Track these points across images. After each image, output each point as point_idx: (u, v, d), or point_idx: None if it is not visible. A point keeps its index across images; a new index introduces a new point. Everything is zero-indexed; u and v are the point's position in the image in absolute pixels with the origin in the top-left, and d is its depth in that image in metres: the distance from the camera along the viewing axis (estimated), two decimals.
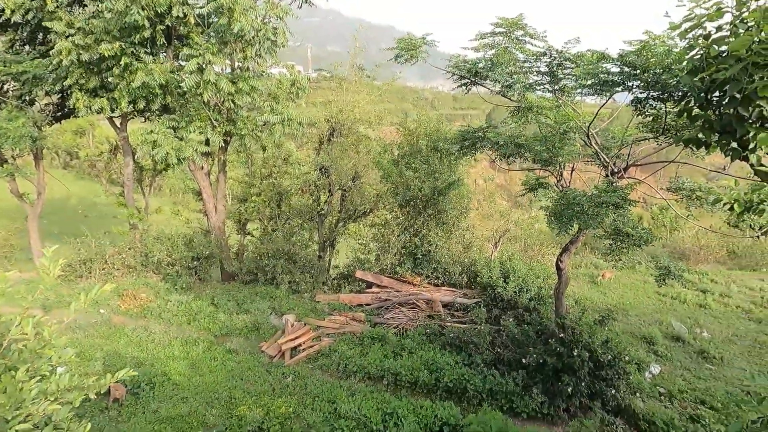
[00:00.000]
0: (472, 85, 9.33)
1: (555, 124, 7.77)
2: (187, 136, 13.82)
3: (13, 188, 16.17)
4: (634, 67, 5.87)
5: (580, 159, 8.78)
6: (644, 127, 7.39)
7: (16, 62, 13.53)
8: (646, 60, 5.75)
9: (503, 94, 8.85)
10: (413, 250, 14.05)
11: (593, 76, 6.61)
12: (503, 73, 8.38)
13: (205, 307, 13.51)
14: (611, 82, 6.43)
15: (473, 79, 9.04)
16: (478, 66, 8.70)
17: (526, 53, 7.77)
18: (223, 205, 17.32)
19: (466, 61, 8.88)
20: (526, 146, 8.48)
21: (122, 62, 12.44)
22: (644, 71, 5.77)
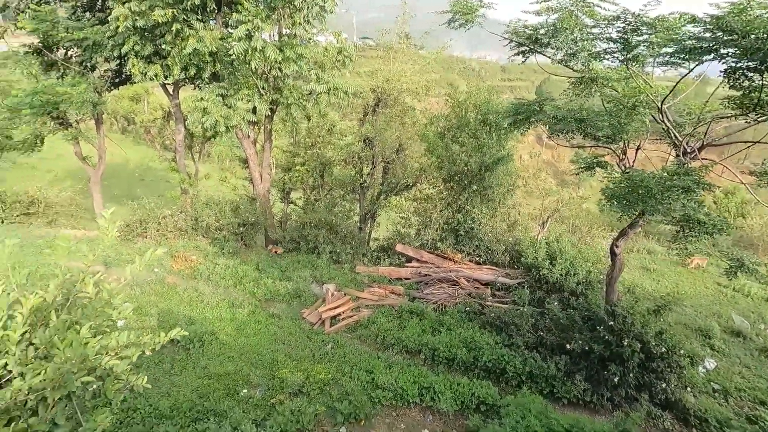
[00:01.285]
0: (531, 54, 8.67)
1: (623, 98, 7.08)
2: (235, 104, 13.99)
3: (77, 151, 17.17)
4: (731, 31, 5.09)
5: (647, 137, 8.04)
6: (731, 102, 6.56)
7: (77, 29, 14.03)
8: (746, 23, 4.96)
9: (565, 64, 8.17)
10: (456, 226, 13.75)
11: (677, 42, 5.86)
12: (567, 40, 7.70)
13: (251, 272, 14.00)
14: (699, 50, 5.67)
15: (532, 47, 8.39)
16: (539, 32, 8.03)
17: (596, 17, 7.04)
18: (268, 173, 17.63)
19: (526, 26, 8.22)
20: (588, 121, 7.84)
21: (174, 28, 12.60)
22: (743, 36, 5.00)
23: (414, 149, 15.23)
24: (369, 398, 8.70)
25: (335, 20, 14.94)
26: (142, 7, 12.87)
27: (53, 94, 13.82)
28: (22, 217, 17.55)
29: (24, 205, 17.54)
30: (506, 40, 8.78)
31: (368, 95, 15.03)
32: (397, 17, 15.13)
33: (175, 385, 8.96)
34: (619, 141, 7.94)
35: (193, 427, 7.50)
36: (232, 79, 14.12)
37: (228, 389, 8.91)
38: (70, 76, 16.45)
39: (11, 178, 28.80)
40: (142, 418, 7.70)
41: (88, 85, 14.69)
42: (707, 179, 6.77)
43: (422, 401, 8.76)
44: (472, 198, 13.91)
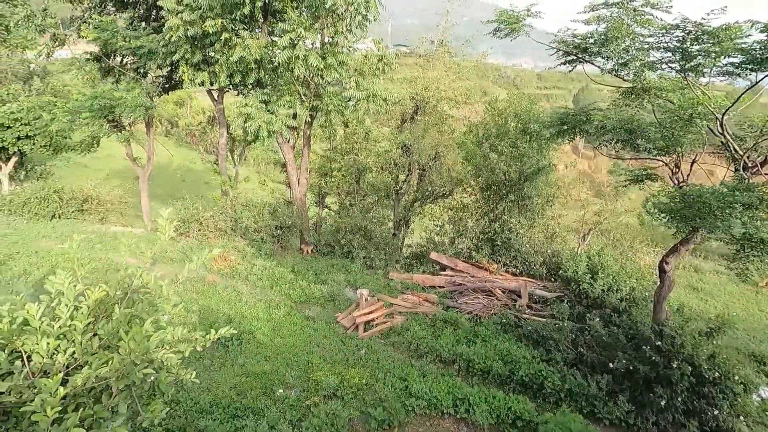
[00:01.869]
0: (578, 63, 8.49)
1: (679, 109, 6.80)
2: (277, 110, 14.39)
3: (128, 152, 18.13)
4: None
5: (704, 150, 7.67)
6: None
7: (134, 38, 14.88)
8: None
9: (615, 74, 7.94)
10: (492, 236, 13.55)
11: (745, 52, 5.58)
12: (618, 50, 7.49)
13: (287, 274, 14.29)
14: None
15: (581, 56, 8.21)
16: (588, 41, 7.86)
17: (652, 26, 6.82)
18: (305, 178, 17.99)
19: (575, 35, 8.06)
20: (639, 132, 7.57)
21: (223, 38, 13.13)
22: None
23: (450, 157, 15.17)
24: (403, 406, 8.66)
25: (371, 26, 15.13)
26: (193, 17, 13.52)
27: (110, 99, 14.68)
28: (76, 213, 18.64)
29: (78, 201, 18.63)
30: (552, 50, 8.63)
31: (407, 102, 15.13)
32: (438, 25, 15.20)
33: (215, 381, 9.23)
34: (673, 153, 7.63)
35: (232, 423, 7.70)
36: (274, 86, 14.55)
37: (264, 388, 9.10)
38: (124, 81, 17.44)
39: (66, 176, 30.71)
40: (184, 411, 7.98)
41: (141, 90, 15.51)
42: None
43: (456, 412, 8.64)
44: (509, 208, 13.69)
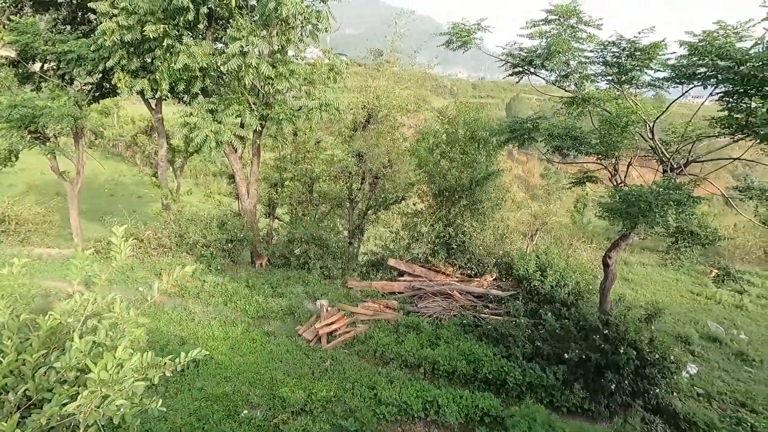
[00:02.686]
0: (525, 74, 9.10)
1: (616, 117, 7.54)
2: (225, 120, 13.88)
3: (54, 166, 16.52)
4: (730, 59, 5.58)
5: (637, 154, 8.54)
6: (717, 123, 7.10)
7: (60, 42, 13.67)
8: (744, 53, 5.45)
9: (558, 84, 8.61)
10: (447, 240, 13.98)
11: (675, 68, 6.34)
12: (560, 63, 8.14)
13: (241, 289, 13.72)
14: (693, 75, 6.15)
15: (527, 68, 8.81)
16: (533, 55, 8.46)
17: (592, 42, 7.51)
18: (255, 188, 17.44)
19: (521, 49, 8.65)
20: (581, 139, 8.27)
21: (165, 44, 12.47)
22: (741, 64, 5.49)
23: (402, 164, 15.49)
24: (374, 414, 8.65)
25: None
26: (130, 21, 12.71)
27: (32, 108, 13.34)
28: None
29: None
30: (501, 62, 9.17)
31: (359, 111, 15.24)
32: (386, 36, 15.51)
33: (171, 408, 8.63)
34: (611, 157, 8.41)
35: None
36: (221, 95, 14.04)
37: (227, 411, 8.66)
38: (47, 89, 15.93)
39: None
40: None
41: (68, 99, 14.25)
42: (695, 193, 7.25)
43: (427, 415, 8.78)
44: (462, 212, 14.21)
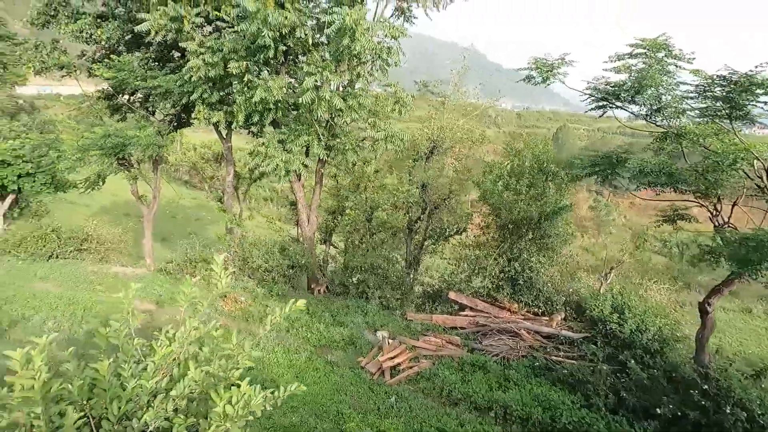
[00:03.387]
0: (610, 108, 8.80)
1: (723, 154, 7.04)
2: (294, 150, 14.40)
3: (134, 190, 17.71)
4: None
5: (744, 193, 7.91)
6: None
7: (151, 77, 14.90)
8: None
9: (649, 120, 8.24)
10: (513, 275, 13.48)
11: None
12: (651, 97, 7.80)
13: (302, 317, 13.81)
14: None
15: (613, 103, 8.51)
16: (622, 89, 8.18)
17: (700, 76, 7.16)
18: (315, 216, 17.82)
19: (608, 83, 8.40)
20: (677, 176, 7.78)
21: (245, 79, 13.26)
22: None
23: (464, 195, 15.30)
24: None
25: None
26: (215, 59, 13.68)
27: (123, 137, 14.48)
28: (75, 253, 17.88)
29: (78, 241, 17.93)
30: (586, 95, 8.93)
31: (423, 142, 15.35)
32: (454, 70, 15.72)
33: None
34: (713, 196, 7.84)
35: None
36: (292, 126, 14.62)
37: None
38: (133, 119, 17.36)
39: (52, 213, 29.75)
40: None
41: (153, 129, 15.38)
42: None
43: None
44: (528, 246, 13.72)
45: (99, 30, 15.50)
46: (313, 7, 13.48)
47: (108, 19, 16.18)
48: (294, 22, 12.33)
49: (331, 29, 11.66)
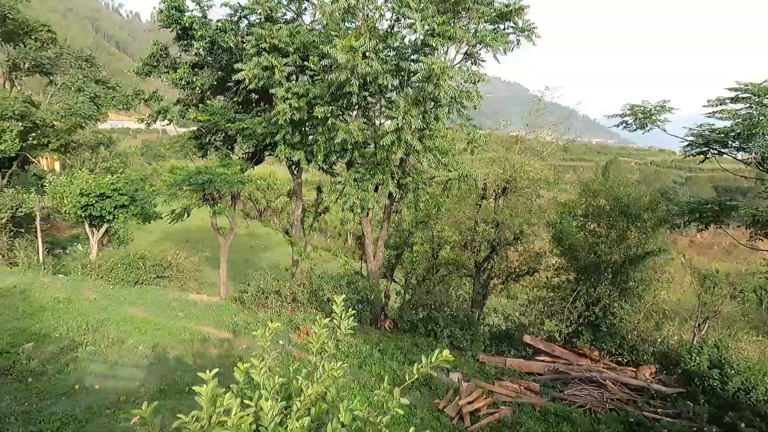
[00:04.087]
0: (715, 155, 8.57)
1: None
2: (369, 188, 14.94)
3: (214, 223, 18.90)
4: None
5: None
6: None
7: (239, 120, 16.19)
8: None
9: (761, 167, 7.94)
10: (594, 320, 12.95)
11: None
12: (764, 145, 7.55)
13: (374, 353, 13.87)
14: None
15: (719, 149, 8.30)
16: (729, 135, 7.98)
17: None
18: (381, 251, 18.13)
19: (713, 129, 8.23)
20: None
21: (329, 122, 14.09)
22: None
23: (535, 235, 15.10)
24: None
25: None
26: (301, 103, 14.71)
27: (213, 174, 15.65)
28: (156, 280, 19.14)
29: (160, 268, 19.21)
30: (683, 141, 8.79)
31: (498, 181, 15.44)
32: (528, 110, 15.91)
33: None
34: None
35: None
36: (367, 165, 15.23)
37: None
38: (217, 157, 18.78)
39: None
40: None
41: (238, 167, 16.54)
42: None
43: None
44: (610, 291, 13.19)
45: (196, 78, 17.15)
46: (393, 56, 14.27)
47: (202, 67, 17.93)
48: (377, 71, 13.11)
49: (416, 77, 12.27)
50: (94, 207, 18.51)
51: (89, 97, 30.81)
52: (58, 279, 18.24)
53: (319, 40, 15.15)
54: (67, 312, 15.04)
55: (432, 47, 13.17)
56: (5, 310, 14.58)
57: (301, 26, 15.83)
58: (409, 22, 13.17)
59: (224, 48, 16.30)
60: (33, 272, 18.94)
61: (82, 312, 15.16)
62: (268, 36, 14.57)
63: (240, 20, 18.03)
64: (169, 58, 18.83)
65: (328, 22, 14.53)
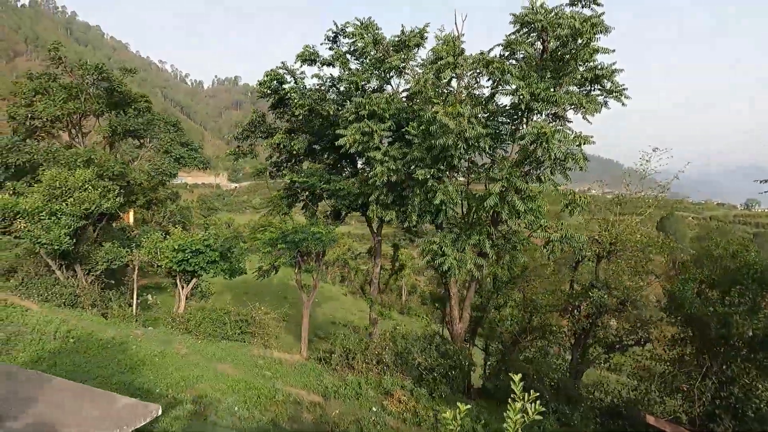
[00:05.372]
0: None
1: None
2: (467, 249, 14.74)
3: (298, 279, 19.18)
4: None
5: None
6: None
7: (334, 181, 16.85)
8: None
9: None
10: (734, 403, 11.51)
11: None
12: None
13: (479, 428, 12.94)
14: None
15: None
16: None
17: None
18: (468, 312, 17.52)
19: None
20: None
21: (428, 183, 14.32)
22: None
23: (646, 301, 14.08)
24: None
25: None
26: (397, 165, 15.16)
27: (309, 233, 16.10)
28: (239, 335, 19.30)
29: (242, 324, 19.42)
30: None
31: (604, 244, 14.80)
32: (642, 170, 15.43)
33: None
34: None
35: None
36: (463, 225, 15.14)
37: None
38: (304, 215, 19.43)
39: None
40: None
41: (331, 226, 16.97)
42: None
43: None
44: (748, 370, 11.80)
45: (293, 142, 18.26)
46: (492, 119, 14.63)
47: (296, 132, 19.14)
48: (480, 134, 13.41)
49: (526, 139, 12.39)
50: (188, 262, 19.39)
51: (175, 158, 33.52)
52: (149, 331, 18.83)
53: (415, 107, 15.89)
54: (164, 367, 15.31)
55: (535, 111, 13.44)
56: (109, 362, 15.05)
57: (395, 94, 16.72)
58: (510, 89, 13.54)
59: (323, 115, 17.38)
60: (126, 323, 19.70)
61: (177, 367, 15.38)
62: (367, 103, 15.43)
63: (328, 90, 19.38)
64: (265, 124, 20.31)
65: (422, 90, 15.24)
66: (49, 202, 21.10)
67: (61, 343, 16.09)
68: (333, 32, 18.07)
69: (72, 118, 30.04)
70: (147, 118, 32.96)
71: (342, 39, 18.33)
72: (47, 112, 28.35)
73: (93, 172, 23.14)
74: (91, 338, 16.77)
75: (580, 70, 14.05)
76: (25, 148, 26.26)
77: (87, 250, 23.38)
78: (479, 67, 13.61)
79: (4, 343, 14.87)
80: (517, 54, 14.93)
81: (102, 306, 21.89)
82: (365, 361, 16.46)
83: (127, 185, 28.83)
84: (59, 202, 21.34)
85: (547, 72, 13.61)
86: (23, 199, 21.27)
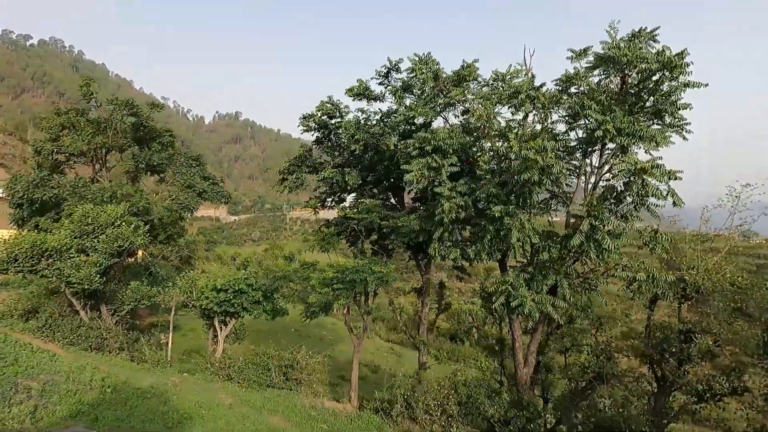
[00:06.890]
0: None
1: None
2: (543, 289, 13.89)
3: (348, 320, 18.08)
4: None
5: None
6: None
7: (393, 218, 16.14)
8: None
9: None
10: None
11: None
12: None
13: None
14: None
15: None
16: None
17: None
18: (533, 357, 16.41)
19: None
20: None
21: (504, 220, 13.62)
22: None
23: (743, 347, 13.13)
24: None
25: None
26: (466, 201, 14.53)
27: (368, 272, 15.20)
28: (283, 381, 17.88)
29: (291, 369, 18.06)
30: None
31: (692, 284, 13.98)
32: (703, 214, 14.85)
33: None
34: None
35: None
36: (540, 265, 14.35)
37: None
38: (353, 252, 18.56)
39: None
40: None
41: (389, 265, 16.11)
42: None
43: None
44: None
45: (346, 177, 17.68)
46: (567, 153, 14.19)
47: (348, 167, 18.61)
48: (561, 168, 12.89)
49: (619, 176, 11.85)
50: (230, 303, 18.27)
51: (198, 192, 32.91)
52: (186, 379, 17.44)
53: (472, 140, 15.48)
54: (213, 420, 14.02)
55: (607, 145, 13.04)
56: (153, 415, 13.73)
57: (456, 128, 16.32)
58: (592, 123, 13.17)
59: (380, 150, 16.93)
60: (161, 369, 18.30)
61: (227, 421, 14.08)
62: (432, 138, 14.99)
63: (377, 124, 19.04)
64: (311, 158, 19.82)
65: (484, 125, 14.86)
66: (79, 238, 20.16)
67: (99, 393, 14.73)
68: (386, 68, 17.96)
69: (98, 152, 29.57)
70: (169, 153, 32.55)
71: (394, 74, 18.20)
72: (74, 147, 27.87)
73: (124, 207, 22.35)
74: (128, 387, 15.41)
75: (650, 103, 13.80)
76: (50, 183, 25.54)
77: (113, 289, 22.24)
78: (555, 102, 13.30)
79: (39, 394, 13.52)
80: (581, 87, 14.69)
81: (129, 349, 20.53)
82: (428, 411, 15.15)
83: (151, 220, 27.96)
84: (90, 238, 20.41)
85: (625, 105, 13.30)
86: (50, 236, 20.33)
